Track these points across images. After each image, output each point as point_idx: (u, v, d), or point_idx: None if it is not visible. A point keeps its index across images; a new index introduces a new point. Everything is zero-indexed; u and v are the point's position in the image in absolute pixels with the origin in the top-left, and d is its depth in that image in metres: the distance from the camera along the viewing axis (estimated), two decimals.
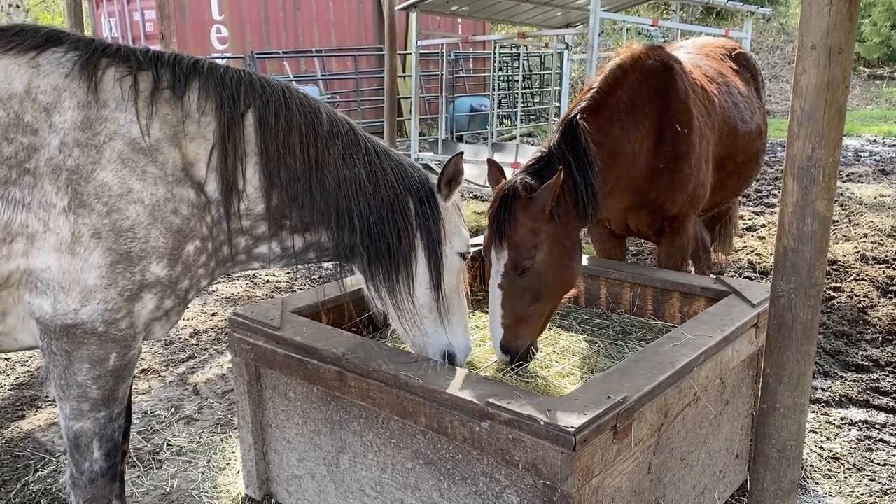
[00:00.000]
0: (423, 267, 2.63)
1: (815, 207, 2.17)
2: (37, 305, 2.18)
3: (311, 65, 14.83)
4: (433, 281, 2.64)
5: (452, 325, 2.76)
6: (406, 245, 2.58)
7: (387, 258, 2.56)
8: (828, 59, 2.10)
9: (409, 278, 2.60)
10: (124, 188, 2.16)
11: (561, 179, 2.92)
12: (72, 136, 2.13)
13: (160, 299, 2.28)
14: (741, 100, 4.29)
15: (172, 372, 4.76)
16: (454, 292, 2.77)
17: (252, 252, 2.54)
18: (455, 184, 2.66)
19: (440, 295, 2.66)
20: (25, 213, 2.10)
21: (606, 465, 2.25)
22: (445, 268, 2.67)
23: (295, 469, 3.07)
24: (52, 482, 3.48)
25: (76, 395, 2.29)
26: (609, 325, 3.61)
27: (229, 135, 2.33)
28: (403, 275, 2.59)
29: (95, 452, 2.37)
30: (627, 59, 3.55)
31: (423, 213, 2.60)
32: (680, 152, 3.63)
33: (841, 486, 3.41)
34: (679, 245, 3.88)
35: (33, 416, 4.19)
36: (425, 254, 2.62)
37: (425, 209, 2.61)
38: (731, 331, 2.86)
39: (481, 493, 2.40)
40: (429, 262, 2.62)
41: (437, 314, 2.70)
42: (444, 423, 2.38)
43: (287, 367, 2.87)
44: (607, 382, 2.39)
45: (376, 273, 2.60)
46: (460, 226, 2.77)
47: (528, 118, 17.72)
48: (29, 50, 2.20)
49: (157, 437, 3.88)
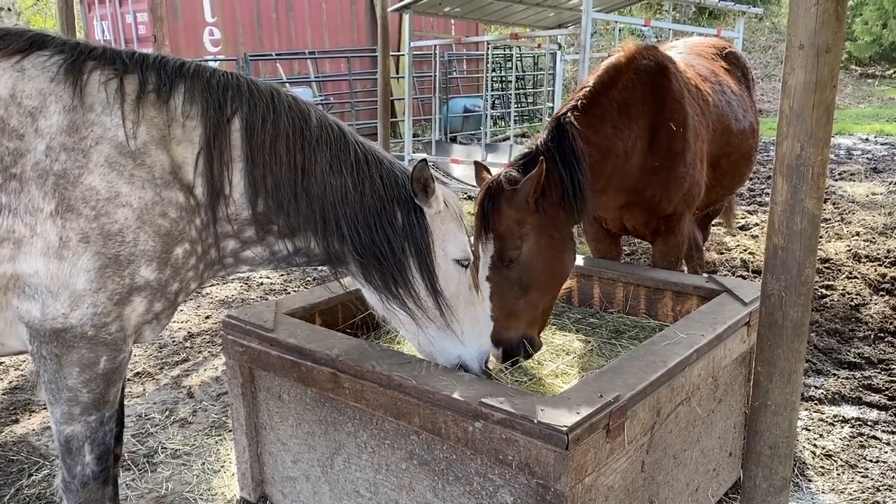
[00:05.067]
0: (417, 276, 2.57)
1: (805, 206, 2.19)
2: (25, 310, 2.17)
3: (304, 66, 14.82)
4: (429, 290, 2.57)
5: (462, 332, 2.67)
6: (398, 254, 2.52)
7: (379, 267, 2.52)
8: (815, 59, 2.11)
9: (406, 287, 2.55)
10: (112, 192, 2.15)
11: (543, 170, 2.93)
12: (58, 141, 2.12)
13: (150, 302, 2.27)
14: (734, 98, 4.31)
15: (166, 375, 4.75)
16: (458, 300, 2.67)
17: (240, 256, 2.53)
18: (429, 191, 2.55)
19: (440, 303, 2.59)
20: (12, 218, 2.09)
21: (599, 464, 2.25)
22: (441, 276, 2.60)
23: (289, 471, 3.07)
24: (47, 486, 3.47)
25: (67, 398, 2.28)
26: (602, 325, 3.62)
27: (215, 140, 2.31)
28: (401, 284, 2.55)
29: (87, 456, 2.36)
30: (622, 59, 3.57)
31: (409, 222, 2.54)
32: (675, 151, 3.65)
33: (834, 483, 3.42)
34: (674, 244, 3.89)
35: (27, 420, 4.18)
36: (416, 263, 2.55)
37: (411, 218, 2.54)
38: (722, 329, 2.87)
39: (475, 493, 2.40)
40: (420, 270, 2.56)
41: (442, 322, 2.62)
42: (437, 423, 2.38)
43: (281, 368, 2.87)
44: (600, 381, 2.40)
45: (371, 280, 2.57)
46: (456, 232, 2.67)
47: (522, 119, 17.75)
48: (13, 54, 2.18)
49: (151, 440, 3.88)
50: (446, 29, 16.58)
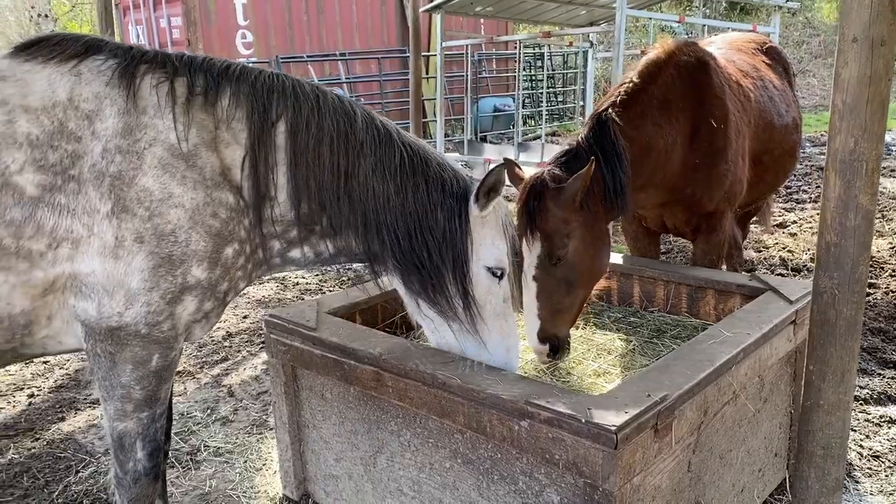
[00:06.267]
0: (452, 282, 2.54)
1: (859, 202, 2.15)
2: (82, 309, 2.22)
3: (335, 68, 14.91)
4: (462, 298, 2.54)
5: (490, 344, 2.61)
6: (437, 262, 2.50)
7: (418, 274, 2.51)
8: (870, 52, 2.07)
9: (442, 293, 2.54)
10: (165, 193, 2.19)
11: (592, 169, 2.91)
12: (113, 143, 2.17)
13: (200, 301, 2.31)
14: (776, 93, 4.25)
15: (207, 374, 4.81)
16: (485, 308, 2.60)
17: (286, 256, 2.57)
18: (494, 194, 2.51)
19: (470, 309, 2.56)
20: (70, 218, 2.14)
21: (647, 464, 2.23)
22: (475, 284, 2.56)
23: (332, 469, 3.09)
24: (93, 483, 3.53)
25: (120, 395, 2.33)
26: (643, 324, 3.59)
27: (260, 143, 2.34)
28: (437, 290, 2.53)
29: (139, 452, 2.40)
30: (661, 55, 3.53)
31: (451, 227, 2.50)
32: (716, 148, 3.61)
33: (882, 484, 3.35)
34: (716, 242, 3.84)
35: (73, 418, 4.26)
36: (451, 269, 2.52)
37: (453, 224, 2.51)
38: (769, 328, 2.82)
39: (521, 492, 2.39)
40: (454, 278, 2.53)
41: (473, 331, 2.59)
42: (482, 422, 2.38)
43: (324, 367, 2.88)
44: (647, 380, 2.38)
45: (410, 285, 2.57)
46: (494, 238, 2.60)
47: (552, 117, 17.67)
48: (70, 59, 2.24)
49: (194, 439, 3.93)
50: (475, 28, 16.58)
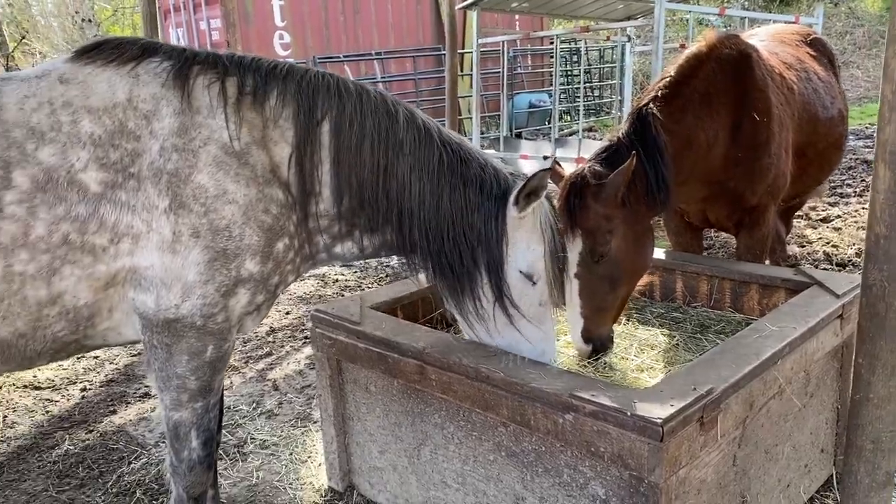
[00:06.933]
0: (486, 286, 2.55)
1: None
2: (140, 301, 2.30)
3: (370, 67, 15.01)
4: (495, 302, 2.56)
5: (522, 347, 2.63)
6: (469, 265, 2.51)
7: (451, 275, 2.54)
8: None
9: (472, 296, 2.56)
10: (220, 189, 2.27)
11: (633, 165, 2.89)
12: (170, 142, 2.25)
13: (253, 294, 2.38)
14: (821, 85, 4.18)
15: (252, 368, 4.91)
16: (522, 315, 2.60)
17: (332, 251, 2.64)
18: (534, 198, 2.50)
19: (504, 317, 2.58)
20: (130, 214, 2.23)
21: (693, 457, 2.23)
22: (510, 287, 2.56)
23: (376, 461, 3.14)
24: (145, 473, 3.64)
25: (176, 386, 2.41)
26: (686, 319, 3.57)
27: (306, 142, 2.41)
28: (468, 293, 2.56)
29: (193, 441, 2.48)
30: (703, 48, 3.51)
31: (487, 230, 2.50)
32: (759, 141, 3.57)
33: None
34: (759, 237, 3.80)
35: (124, 410, 4.39)
36: (484, 273, 2.53)
37: (489, 227, 2.50)
38: (815, 322, 2.79)
39: (565, 485, 2.41)
40: (488, 281, 2.55)
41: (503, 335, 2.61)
42: (526, 415, 2.40)
43: (368, 360, 2.94)
44: (692, 374, 2.38)
45: (442, 286, 2.61)
46: (530, 241, 2.58)
47: (589, 113, 17.54)
48: (128, 61, 2.34)
49: (240, 431, 4.02)
50: (510, 24, 16.53)
